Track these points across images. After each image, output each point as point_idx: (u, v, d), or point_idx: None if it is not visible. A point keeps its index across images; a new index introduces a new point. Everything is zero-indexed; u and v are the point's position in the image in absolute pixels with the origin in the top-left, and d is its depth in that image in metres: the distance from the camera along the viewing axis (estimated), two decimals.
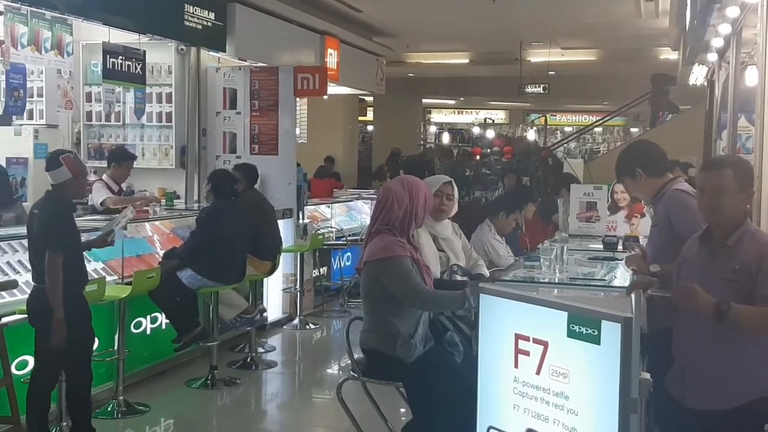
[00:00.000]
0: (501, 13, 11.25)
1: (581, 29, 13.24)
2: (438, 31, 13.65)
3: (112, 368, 5.64)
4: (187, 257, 6.11)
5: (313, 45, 10.53)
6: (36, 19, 6.37)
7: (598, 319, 2.66)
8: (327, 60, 10.69)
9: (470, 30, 13.37)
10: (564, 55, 15.49)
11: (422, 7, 11.46)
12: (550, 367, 2.78)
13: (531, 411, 2.85)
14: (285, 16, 9.61)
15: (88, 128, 8.52)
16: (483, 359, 3.05)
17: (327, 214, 10.11)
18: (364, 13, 11.68)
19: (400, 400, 4.23)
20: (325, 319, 8.80)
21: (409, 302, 3.80)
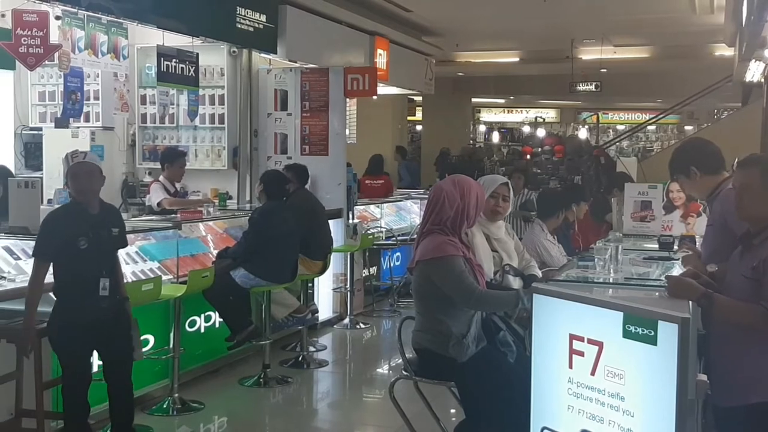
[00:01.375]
0: (552, 10, 11.14)
1: (634, 26, 13.04)
2: (488, 30, 13.58)
3: (167, 366, 5.74)
4: (240, 257, 6.18)
5: (363, 45, 10.56)
6: (92, 24, 6.52)
7: (655, 320, 2.63)
8: (377, 60, 10.71)
9: (521, 28, 13.28)
10: (616, 53, 15.28)
11: (472, 6, 11.41)
12: (605, 368, 2.75)
13: (586, 412, 2.82)
14: (335, 17, 9.65)
15: (142, 130, 8.68)
16: (537, 360, 3.03)
17: (377, 214, 10.13)
18: (414, 13, 11.68)
19: (453, 400, 4.23)
20: (375, 319, 8.82)
21: (462, 302, 3.79)
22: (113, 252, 4.53)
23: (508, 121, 28.75)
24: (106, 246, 4.41)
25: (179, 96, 8.32)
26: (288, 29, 8.61)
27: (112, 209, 4.64)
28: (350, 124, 10.55)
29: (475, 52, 16.35)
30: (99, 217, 4.38)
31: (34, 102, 8.40)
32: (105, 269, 4.36)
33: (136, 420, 5.22)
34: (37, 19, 6.08)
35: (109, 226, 4.42)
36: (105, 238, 4.38)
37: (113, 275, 4.42)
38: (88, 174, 4.33)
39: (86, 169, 4.33)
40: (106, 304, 4.35)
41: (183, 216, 6.57)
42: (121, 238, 4.59)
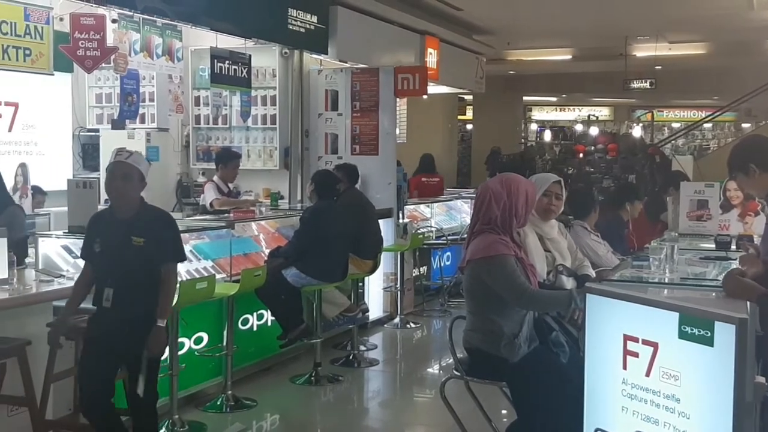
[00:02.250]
0: (605, 7, 11.01)
1: (689, 22, 12.80)
2: (540, 28, 13.46)
3: (221, 363, 5.81)
4: (291, 256, 6.23)
5: (413, 45, 10.56)
6: (148, 26, 6.64)
7: (712, 320, 2.58)
8: (427, 59, 10.71)
9: (573, 26, 13.13)
10: (671, 50, 15.01)
11: (524, 4, 11.34)
12: (660, 369, 2.71)
13: (640, 413, 2.78)
14: (385, 17, 9.68)
15: (196, 131, 8.82)
16: (590, 360, 2.99)
17: (427, 214, 10.12)
18: (465, 12, 11.63)
19: (504, 400, 4.20)
20: (425, 319, 8.82)
21: (514, 301, 3.76)
22: (131, 263, 4.03)
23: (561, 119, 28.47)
24: (121, 254, 4.02)
25: (232, 97, 8.43)
26: (339, 30, 8.66)
27: (151, 218, 4.17)
28: (400, 123, 10.57)
29: (526, 50, 16.23)
30: (126, 223, 4.05)
31: (91, 104, 8.60)
32: (113, 278, 4.02)
33: (190, 416, 5.33)
34: (94, 22, 6.22)
35: (131, 234, 4.02)
36: (121, 245, 4.02)
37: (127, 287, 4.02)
38: (123, 177, 4.05)
39: (122, 171, 4.06)
40: (112, 317, 4.01)
41: (236, 215, 6.65)
42: (147, 250, 4.04)
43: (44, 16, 6.01)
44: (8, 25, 5.76)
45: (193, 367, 5.59)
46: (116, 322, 4.00)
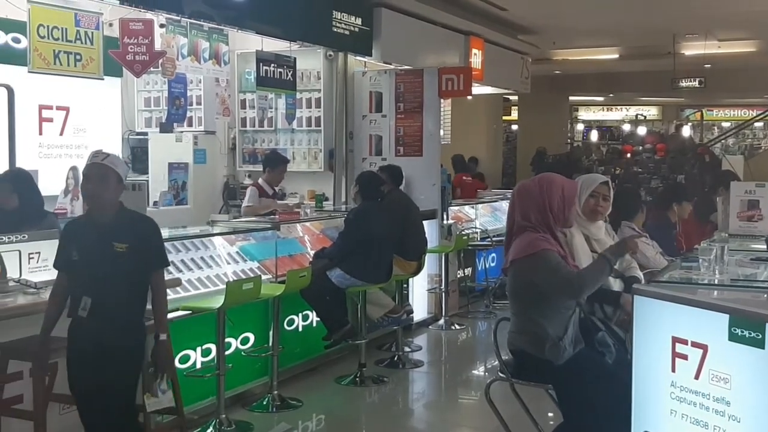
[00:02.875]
0: (653, 5, 10.85)
1: (740, 20, 12.54)
2: (586, 27, 13.32)
3: (267, 364, 5.87)
4: (336, 257, 6.26)
5: (458, 46, 10.53)
6: (195, 31, 6.73)
7: (763, 322, 2.53)
8: (471, 60, 10.67)
9: (620, 24, 12.97)
10: (721, 48, 14.73)
11: (570, 3, 11.22)
12: (710, 372, 2.67)
13: (689, 417, 2.74)
14: (429, 18, 9.67)
15: (242, 134, 8.92)
16: (638, 362, 2.96)
17: (471, 215, 10.09)
18: (509, 12, 11.56)
19: (550, 402, 4.16)
20: (470, 320, 8.79)
21: (565, 293, 3.72)
22: (112, 269, 3.77)
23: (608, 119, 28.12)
24: (101, 261, 3.76)
25: (277, 100, 8.50)
26: (383, 31, 8.68)
27: (135, 224, 3.93)
28: (444, 124, 10.55)
29: (572, 49, 16.07)
30: (106, 228, 3.80)
31: (140, 108, 8.76)
32: (91, 287, 3.77)
33: (237, 416, 5.38)
34: (143, 27, 6.32)
35: (112, 239, 3.77)
36: (102, 252, 3.77)
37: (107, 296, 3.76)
38: (98, 178, 3.80)
39: (97, 173, 3.81)
40: (90, 327, 3.75)
41: (281, 217, 6.71)
42: (131, 256, 3.77)
43: (94, 21, 6.13)
44: (59, 30, 5.88)
45: (239, 367, 5.65)
46: (95, 332, 3.73)
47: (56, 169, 6.65)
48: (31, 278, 4.37)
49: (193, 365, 5.37)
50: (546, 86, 18.70)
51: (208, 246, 5.93)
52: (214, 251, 5.94)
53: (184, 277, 5.38)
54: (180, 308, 5.15)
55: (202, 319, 5.28)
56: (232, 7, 6.80)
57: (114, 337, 3.73)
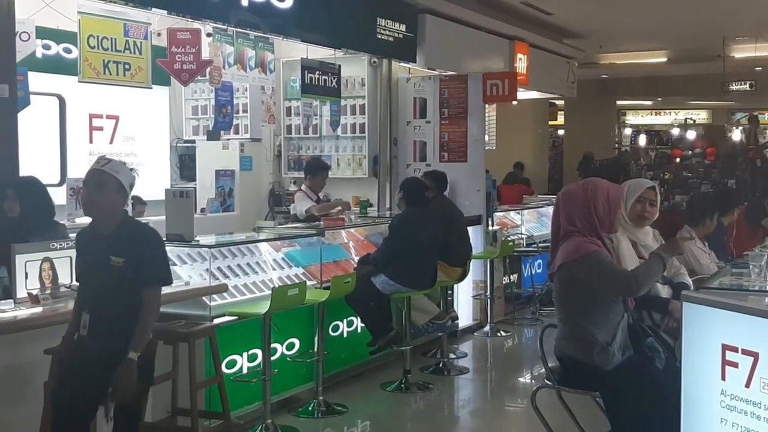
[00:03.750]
0: (702, 8, 10.68)
1: None
2: (633, 30, 13.16)
3: (312, 369, 5.89)
4: (381, 263, 6.27)
5: (503, 51, 10.49)
6: (241, 39, 6.81)
7: None
8: (516, 65, 10.62)
9: (668, 27, 12.78)
10: None
11: (616, 6, 11.11)
12: (761, 380, 2.61)
13: (740, 426, 2.69)
14: (474, 23, 9.65)
15: (288, 141, 8.99)
16: (687, 370, 2.91)
17: (517, 221, 10.02)
18: (555, 16, 11.49)
19: (598, 410, 4.11)
20: (516, 327, 8.72)
21: (622, 290, 3.68)
22: (108, 285, 3.57)
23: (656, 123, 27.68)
24: (99, 276, 3.60)
25: (322, 107, 8.56)
26: (427, 37, 8.68)
27: (133, 235, 3.65)
28: (489, 130, 10.51)
29: (619, 53, 15.89)
30: (106, 240, 3.60)
31: (187, 116, 8.90)
32: (90, 303, 3.62)
33: (283, 421, 5.41)
34: (190, 36, 6.42)
35: (110, 253, 3.55)
36: (100, 265, 3.58)
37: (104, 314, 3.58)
38: (96, 185, 3.60)
39: (95, 179, 3.61)
40: (87, 347, 3.59)
41: (326, 223, 6.74)
42: (127, 271, 3.55)
43: (143, 31, 6.24)
44: (109, 41, 5.99)
45: (285, 372, 5.68)
46: (91, 353, 3.56)
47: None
48: None
49: (240, 370, 5.41)
50: (593, 90, 18.50)
51: (254, 252, 5.98)
52: (260, 257, 5.99)
53: (230, 283, 5.43)
54: (227, 313, 5.22)
55: (249, 324, 5.33)
56: (278, 15, 6.86)
57: (110, 363, 3.48)
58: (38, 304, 4.15)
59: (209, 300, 5.17)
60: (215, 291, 5.17)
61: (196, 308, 5.13)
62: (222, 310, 5.23)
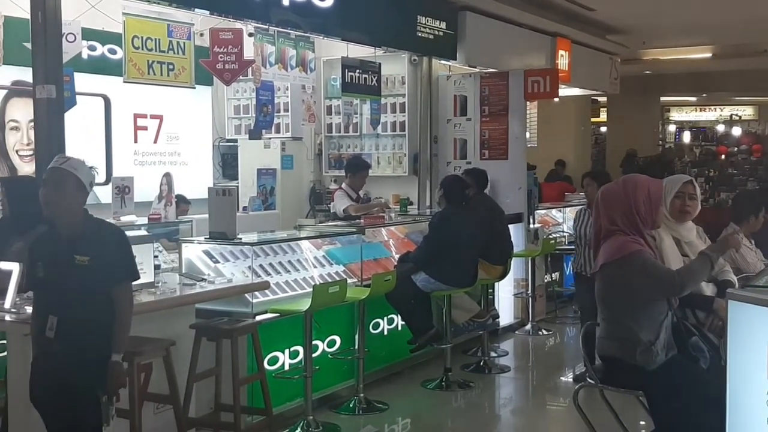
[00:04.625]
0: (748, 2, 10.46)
1: None
2: (677, 26, 12.94)
3: (353, 366, 5.92)
4: (421, 261, 6.27)
5: (544, 47, 10.41)
6: (282, 39, 6.85)
7: None
8: (558, 61, 10.53)
9: (713, 22, 12.55)
10: None
11: (660, 1, 10.93)
12: None
13: None
14: (515, 20, 9.58)
15: (328, 139, 9.03)
16: (732, 370, 2.86)
17: (558, 219, 9.94)
18: (597, 12, 11.34)
19: (641, 409, 4.07)
20: (557, 326, 8.66)
21: (666, 291, 3.64)
22: (75, 285, 3.49)
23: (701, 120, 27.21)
24: (64, 276, 3.50)
25: (362, 105, 8.58)
26: (468, 35, 8.65)
27: (96, 233, 3.59)
28: (530, 127, 10.44)
29: (663, 49, 15.64)
30: (68, 240, 3.51)
31: (230, 115, 8.98)
32: (56, 305, 3.50)
33: (324, 417, 5.45)
34: (232, 36, 6.48)
35: (74, 252, 3.48)
36: (64, 266, 3.49)
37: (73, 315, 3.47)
38: (57, 184, 3.50)
39: (55, 177, 3.52)
40: (57, 349, 3.48)
41: (366, 221, 6.76)
42: (93, 269, 3.47)
43: (186, 31, 6.31)
44: (153, 41, 6.08)
45: (326, 369, 5.71)
46: (62, 355, 3.47)
47: (150, 176, 6.85)
48: None
49: (282, 367, 5.46)
50: (636, 87, 18.26)
51: (295, 250, 6.03)
52: (301, 255, 6.04)
53: (272, 281, 5.48)
54: (268, 311, 5.27)
55: (290, 321, 5.38)
56: (319, 15, 6.90)
57: (84, 363, 3.46)
58: None
59: (251, 297, 5.23)
60: (257, 288, 5.22)
61: (239, 305, 5.19)
62: (264, 307, 5.28)
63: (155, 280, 4.74)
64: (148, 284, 4.63)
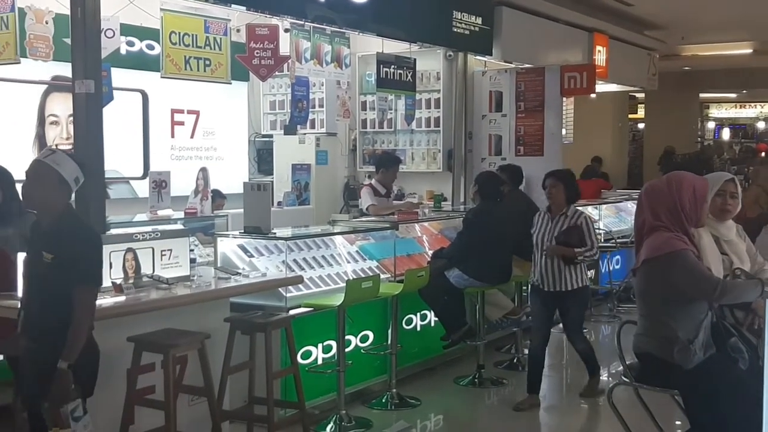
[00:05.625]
0: None
1: None
2: (717, 21, 12.75)
3: (385, 362, 5.92)
4: (454, 257, 6.25)
5: (581, 43, 10.32)
6: (318, 35, 6.87)
7: None
8: (595, 57, 10.43)
9: (754, 18, 12.34)
10: None
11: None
12: None
13: None
14: (552, 15, 9.51)
15: (362, 135, 9.04)
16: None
17: (594, 216, 9.84)
18: (635, 7, 11.22)
19: (677, 409, 4.02)
20: (593, 324, 8.57)
21: (705, 294, 3.59)
22: (38, 282, 3.42)
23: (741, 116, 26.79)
24: (31, 272, 3.47)
25: (397, 101, 8.57)
26: (504, 30, 8.61)
27: (69, 231, 3.47)
28: (567, 123, 10.35)
29: (702, 44, 15.42)
30: (43, 235, 3.46)
31: (265, 111, 9.04)
32: (24, 300, 3.47)
33: (357, 412, 5.46)
34: (269, 32, 6.51)
35: (42, 248, 3.42)
36: (33, 261, 3.47)
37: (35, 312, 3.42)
38: (35, 177, 3.45)
39: (35, 171, 3.46)
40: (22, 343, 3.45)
41: (400, 217, 6.75)
42: (56, 268, 3.37)
43: (222, 27, 6.35)
44: (190, 37, 6.12)
45: (359, 364, 5.73)
46: (24, 351, 3.44)
47: (187, 171, 6.92)
48: (163, 274, 4.58)
49: (315, 361, 5.48)
50: (674, 83, 18.02)
51: (329, 245, 6.05)
52: (334, 250, 6.05)
53: (305, 275, 5.50)
54: (302, 305, 5.29)
55: (323, 316, 5.39)
56: (354, 10, 6.90)
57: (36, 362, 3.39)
58: (122, 293, 4.28)
59: (285, 291, 5.25)
60: (291, 282, 5.25)
61: (273, 299, 5.22)
62: (297, 302, 5.31)
63: (191, 273, 4.79)
64: (183, 278, 4.68)
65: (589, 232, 5.85)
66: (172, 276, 4.62)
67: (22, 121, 7.04)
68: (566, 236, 5.79)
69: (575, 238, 5.79)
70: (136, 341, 4.13)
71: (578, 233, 5.81)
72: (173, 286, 4.52)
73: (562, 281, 5.79)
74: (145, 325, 4.23)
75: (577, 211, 5.93)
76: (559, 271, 5.78)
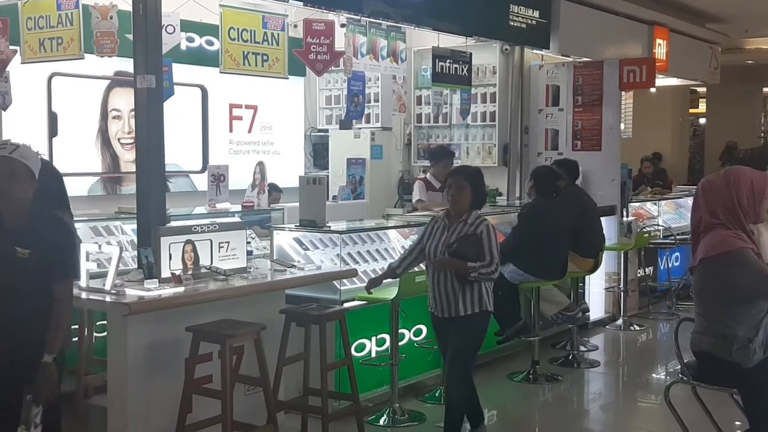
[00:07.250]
0: None
1: None
2: None
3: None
4: (509, 252, 6.21)
5: (641, 36, 10.14)
6: (374, 29, 6.88)
7: None
8: (655, 51, 10.24)
9: None
10: None
11: None
12: None
13: None
14: (611, 8, 9.36)
15: (417, 129, 9.04)
16: None
17: (653, 212, 9.69)
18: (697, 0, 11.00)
19: (735, 408, 3.94)
20: (650, 322, 8.45)
21: (762, 294, 3.52)
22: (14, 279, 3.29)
23: None
24: (4, 270, 3.30)
25: (452, 95, 8.55)
26: (561, 24, 8.50)
27: (41, 225, 3.38)
28: (625, 118, 10.21)
29: (766, 38, 15.03)
30: (13, 232, 3.32)
31: (321, 106, 9.11)
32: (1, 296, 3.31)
33: (410, 406, 5.48)
34: (325, 27, 6.55)
35: (16, 243, 3.29)
36: (5, 259, 3.29)
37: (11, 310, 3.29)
38: (10, 175, 3.30)
39: (7, 168, 3.30)
40: None
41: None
42: (34, 263, 3.30)
43: (280, 23, 6.41)
44: (248, 32, 6.20)
45: (413, 358, 5.74)
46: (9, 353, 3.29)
47: (245, 165, 7.02)
48: (221, 266, 4.66)
49: (368, 354, 5.52)
50: (737, 77, 17.58)
51: (383, 239, 6.08)
52: (388, 244, 6.08)
53: (360, 269, 5.54)
54: (356, 298, 5.33)
55: (377, 309, 5.42)
56: (410, 5, 6.90)
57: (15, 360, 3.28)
58: (181, 284, 4.37)
59: (339, 284, 5.30)
60: (345, 276, 5.29)
61: (327, 292, 5.27)
62: (351, 295, 5.35)
63: (248, 265, 4.87)
64: (240, 269, 4.76)
65: (489, 243, 4.53)
66: (230, 268, 4.70)
67: (85, 115, 7.22)
68: (461, 246, 4.55)
69: (472, 250, 4.53)
70: (194, 331, 4.21)
71: (475, 244, 4.53)
72: (230, 278, 4.60)
73: (454, 305, 4.57)
74: (203, 315, 4.31)
75: (479, 218, 4.62)
76: (453, 292, 4.55)
